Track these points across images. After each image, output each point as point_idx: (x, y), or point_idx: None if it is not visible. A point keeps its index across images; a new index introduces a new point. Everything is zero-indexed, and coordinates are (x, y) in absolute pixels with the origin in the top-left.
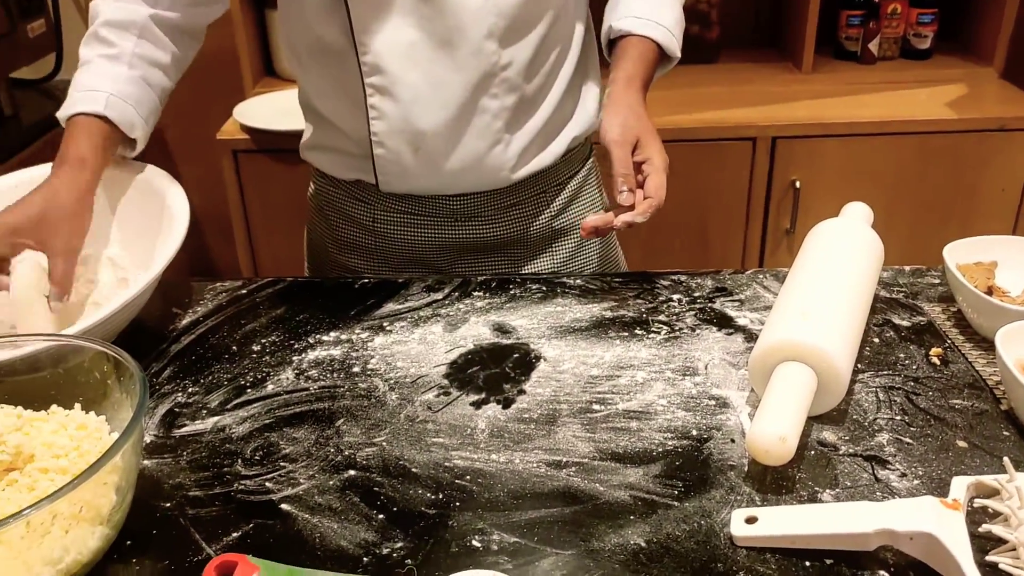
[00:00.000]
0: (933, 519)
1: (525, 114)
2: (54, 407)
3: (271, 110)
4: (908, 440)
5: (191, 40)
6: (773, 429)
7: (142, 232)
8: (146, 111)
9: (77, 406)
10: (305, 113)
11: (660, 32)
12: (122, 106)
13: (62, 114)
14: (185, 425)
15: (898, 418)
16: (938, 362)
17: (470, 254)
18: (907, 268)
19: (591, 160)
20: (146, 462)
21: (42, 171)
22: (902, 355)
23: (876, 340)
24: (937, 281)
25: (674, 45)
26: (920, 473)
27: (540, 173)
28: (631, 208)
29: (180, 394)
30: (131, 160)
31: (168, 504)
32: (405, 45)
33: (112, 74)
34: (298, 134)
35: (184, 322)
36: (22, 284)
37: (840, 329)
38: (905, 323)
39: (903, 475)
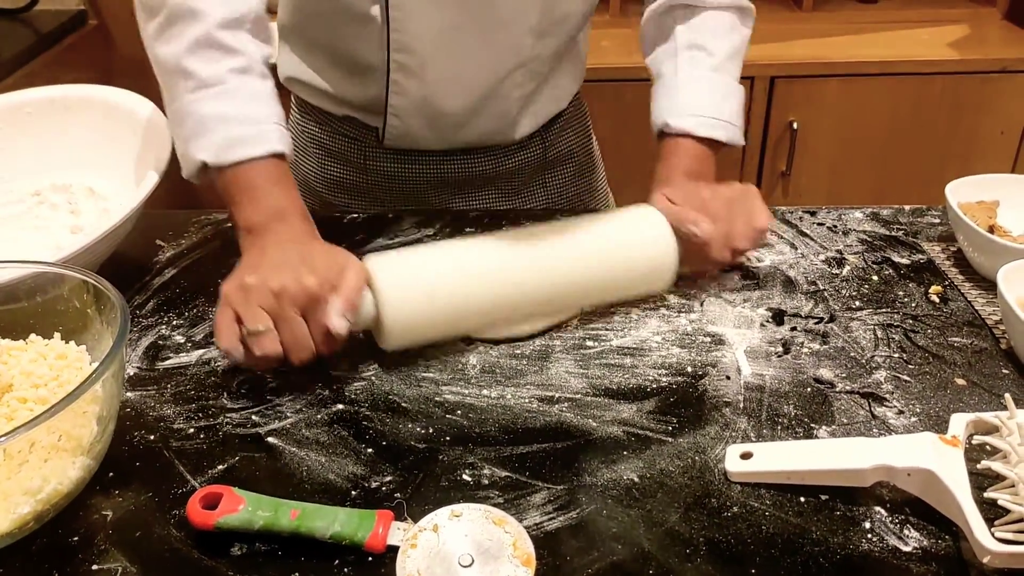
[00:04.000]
0: (932, 455)
1: (539, 92)
2: (33, 336)
3: None
4: (906, 378)
5: None
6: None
7: (124, 162)
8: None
9: (57, 336)
10: (292, 43)
11: (725, 131)
12: (285, 133)
13: (224, 157)
14: (169, 358)
15: (896, 356)
16: (937, 300)
17: (464, 190)
18: (907, 207)
19: (579, 93)
20: (129, 394)
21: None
22: (901, 293)
23: (875, 278)
24: (937, 220)
25: (739, 136)
26: (918, 410)
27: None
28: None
29: (164, 327)
30: (114, 88)
31: (152, 436)
32: (440, 29)
33: (255, 95)
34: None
35: (168, 255)
36: None
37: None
38: (904, 261)
39: (900, 412)
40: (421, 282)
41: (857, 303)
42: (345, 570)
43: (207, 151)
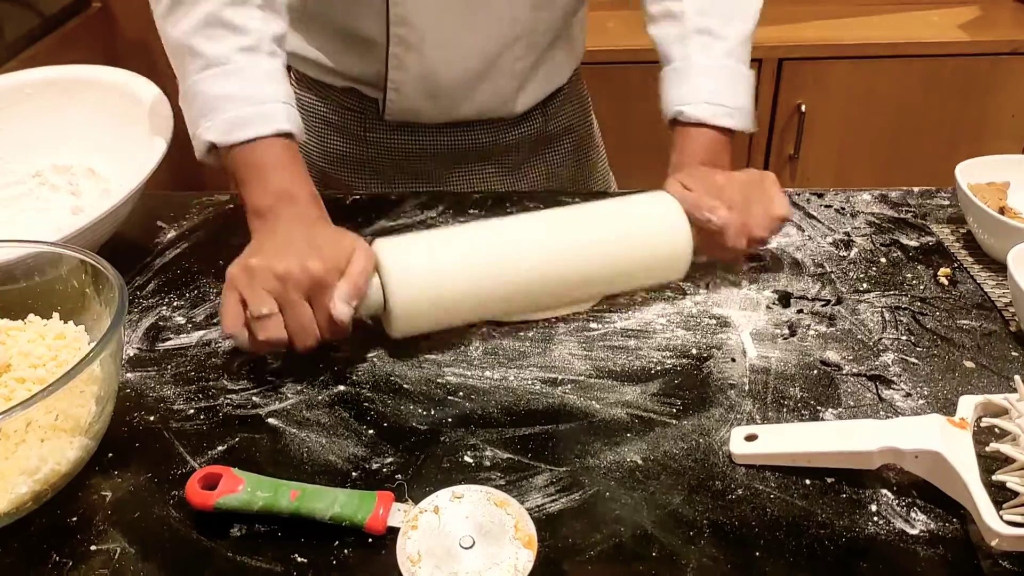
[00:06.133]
0: (939, 437)
1: (539, 66)
2: (31, 316)
3: None
4: (914, 360)
5: None
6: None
7: (125, 143)
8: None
9: (55, 316)
10: (291, 18)
11: (737, 119)
12: (293, 112)
13: (231, 137)
14: (169, 339)
15: (904, 338)
16: (946, 282)
17: (464, 163)
18: (916, 189)
19: (577, 70)
20: (129, 375)
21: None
22: (909, 275)
23: (883, 260)
24: (947, 203)
25: (751, 123)
26: (925, 393)
27: None
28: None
29: (165, 308)
30: (115, 69)
31: (152, 417)
32: (439, 2)
33: (262, 74)
34: None
35: (169, 236)
36: None
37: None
38: (913, 243)
39: (908, 395)
40: (430, 269)
41: (865, 285)
42: (345, 551)
43: (214, 131)
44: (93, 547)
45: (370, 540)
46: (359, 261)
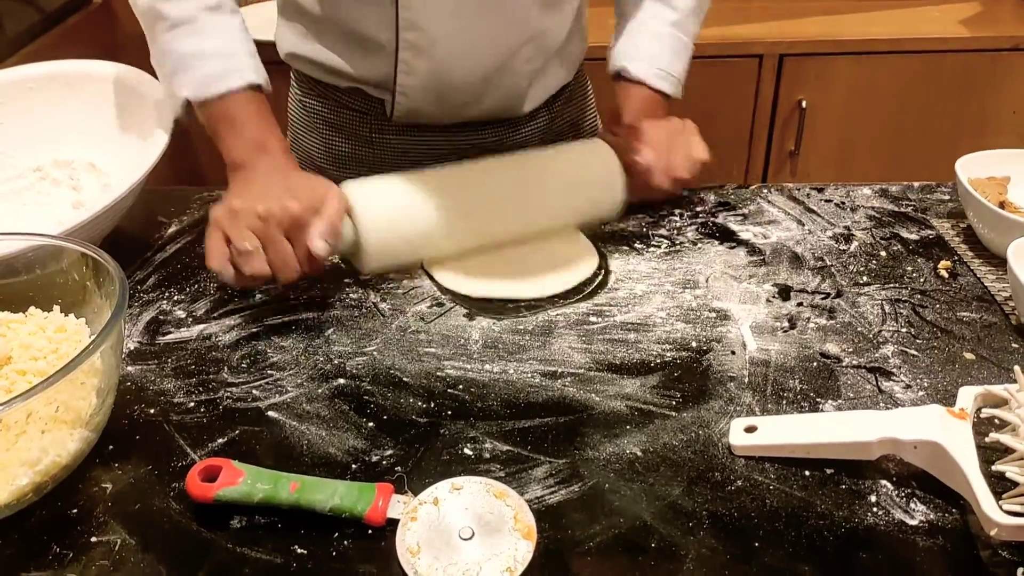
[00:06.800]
0: (939, 427)
1: (548, 66)
2: (32, 309)
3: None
4: (913, 352)
5: None
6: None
7: (126, 137)
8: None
9: (56, 308)
10: (296, 20)
11: (672, 86)
12: (259, 65)
13: (205, 92)
14: (170, 333)
15: (904, 330)
16: (946, 275)
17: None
18: (916, 184)
19: (581, 65)
20: (129, 368)
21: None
22: (909, 268)
23: (883, 253)
24: (947, 197)
25: (680, 93)
26: (925, 385)
27: None
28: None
29: (165, 302)
30: (116, 64)
31: (152, 410)
32: (449, 6)
33: (228, 30)
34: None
35: (170, 231)
36: None
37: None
38: (913, 236)
39: (908, 387)
40: (395, 205)
41: (864, 278)
42: (345, 543)
43: (187, 87)
44: (94, 539)
45: (370, 532)
46: (333, 202)
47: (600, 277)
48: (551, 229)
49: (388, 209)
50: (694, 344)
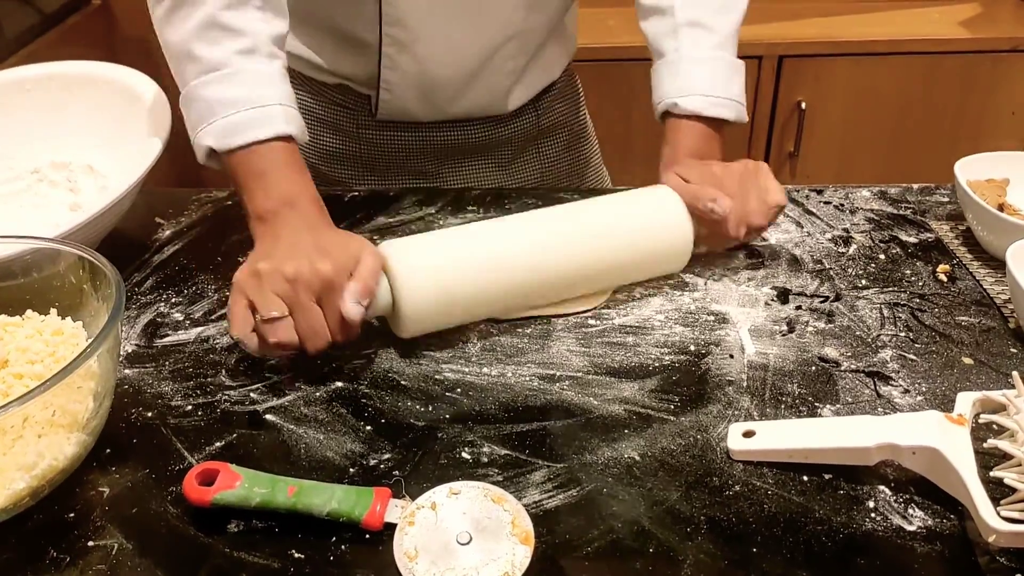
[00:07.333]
0: (937, 433)
1: (532, 64)
2: (29, 312)
3: None
4: (912, 356)
5: None
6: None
7: (124, 139)
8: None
9: (53, 312)
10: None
11: (732, 111)
12: (293, 114)
13: (230, 141)
14: (167, 335)
15: (902, 334)
16: (945, 279)
17: (457, 159)
18: (915, 186)
19: (569, 66)
20: (127, 371)
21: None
22: (908, 272)
23: (881, 256)
24: (946, 199)
25: (744, 114)
26: (924, 389)
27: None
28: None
29: (162, 304)
30: (114, 65)
31: (149, 413)
32: (432, 2)
33: (261, 76)
34: None
35: (167, 232)
36: None
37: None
38: (912, 240)
39: (906, 391)
40: (437, 268)
41: (863, 282)
42: (342, 547)
43: (212, 136)
44: (91, 543)
45: (367, 536)
46: (368, 261)
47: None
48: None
49: (429, 270)
50: (692, 347)
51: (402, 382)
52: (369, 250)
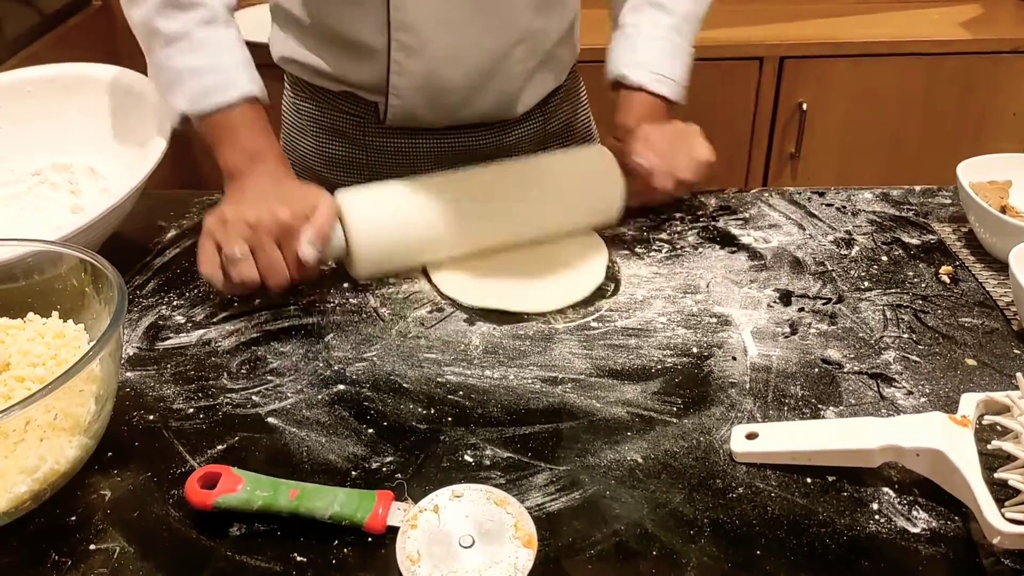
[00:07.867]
0: (941, 435)
1: (541, 68)
2: (31, 315)
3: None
4: (915, 358)
5: None
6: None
7: (125, 141)
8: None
9: (55, 315)
10: (288, 24)
11: (671, 89)
12: (254, 75)
13: (201, 106)
14: (169, 338)
15: (905, 336)
16: (947, 280)
17: (463, 163)
18: (918, 188)
19: (574, 67)
20: (128, 374)
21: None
22: (911, 273)
23: (884, 258)
24: (948, 201)
25: (682, 97)
26: (927, 391)
27: None
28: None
29: (164, 307)
30: (115, 67)
31: (151, 416)
32: (441, 7)
33: (223, 44)
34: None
35: (169, 235)
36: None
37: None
38: (914, 241)
39: (909, 393)
40: (385, 210)
41: (866, 284)
42: (345, 551)
43: (183, 101)
44: (92, 546)
45: (369, 539)
46: (323, 209)
47: (610, 290)
48: (548, 236)
49: (378, 215)
50: (695, 350)
51: (404, 385)
52: (325, 199)
